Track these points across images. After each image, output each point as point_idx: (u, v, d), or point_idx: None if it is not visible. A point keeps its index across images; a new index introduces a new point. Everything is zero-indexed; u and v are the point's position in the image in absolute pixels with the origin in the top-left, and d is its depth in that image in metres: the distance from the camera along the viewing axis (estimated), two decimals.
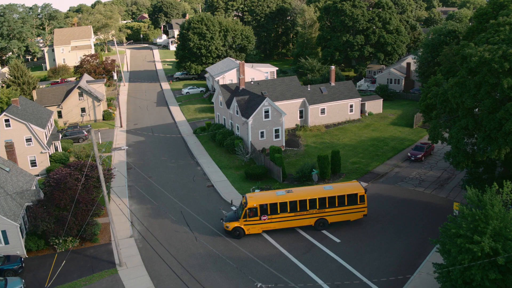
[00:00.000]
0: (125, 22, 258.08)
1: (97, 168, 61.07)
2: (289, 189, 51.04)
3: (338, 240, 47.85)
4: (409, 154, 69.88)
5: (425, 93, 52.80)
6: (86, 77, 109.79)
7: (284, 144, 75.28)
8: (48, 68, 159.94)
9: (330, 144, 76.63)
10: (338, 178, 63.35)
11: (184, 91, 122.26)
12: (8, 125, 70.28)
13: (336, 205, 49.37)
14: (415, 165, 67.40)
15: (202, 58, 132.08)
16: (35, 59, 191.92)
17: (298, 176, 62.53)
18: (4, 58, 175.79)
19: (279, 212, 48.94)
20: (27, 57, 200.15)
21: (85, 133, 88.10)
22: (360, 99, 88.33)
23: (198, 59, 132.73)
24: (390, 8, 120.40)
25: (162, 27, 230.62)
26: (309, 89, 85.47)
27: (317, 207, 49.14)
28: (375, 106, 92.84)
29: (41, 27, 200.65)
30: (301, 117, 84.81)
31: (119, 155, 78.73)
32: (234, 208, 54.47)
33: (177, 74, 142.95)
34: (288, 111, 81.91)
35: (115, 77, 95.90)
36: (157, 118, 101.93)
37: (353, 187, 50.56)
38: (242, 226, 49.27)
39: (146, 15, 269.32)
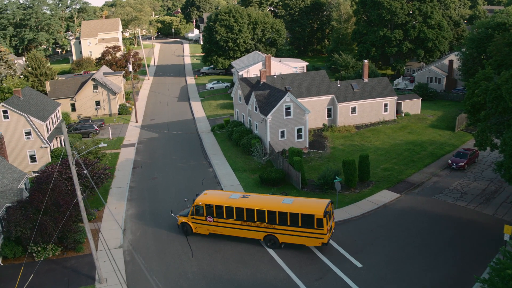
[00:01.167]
0: (157, 16, 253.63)
1: (92, 166, 54.82)
2: (246, 194, 45.99)
3: (359, 265, 39.53)
4: (449, 161, 60.81)
5: (472, 89, 43.79)
6: (104, 68, 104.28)
7: (307, 146, 67.26)
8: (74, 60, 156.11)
9: (360, 147, 68.21)
10: (366, 187, 55.01)
11: (209, 86, 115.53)
12: (6, 117, 64.90)
13: (288, 223, 41.66)
14: (457, 175, 58.32)
15: (230, 52, 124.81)
16: (64, 52, 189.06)
17: (319, 183, 54.48)
18: (33, 50, 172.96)
19: (225, 217, 44.13)
20: (57, 50, 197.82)
21: (96, 127, 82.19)
22: (396, 97, 79.40)
23: (225, 53, 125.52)
24: (432, 1, 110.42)
25: (194, 21, 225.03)
26: (338, 85, 77.12)
27: (266, 221, 42.46)
28: (413, 106, 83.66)
29: (70, 20, 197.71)
30: (329, 116, 76.54)
31: (127, 152, 72.30)
32: None
33: (204, 68, 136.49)
34: (314, 109, 73.85)
35: (131, 69, 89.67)
36: (175, 114, 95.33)
37: (314, 206, 41.50)
38: (190, 223, 45.93)
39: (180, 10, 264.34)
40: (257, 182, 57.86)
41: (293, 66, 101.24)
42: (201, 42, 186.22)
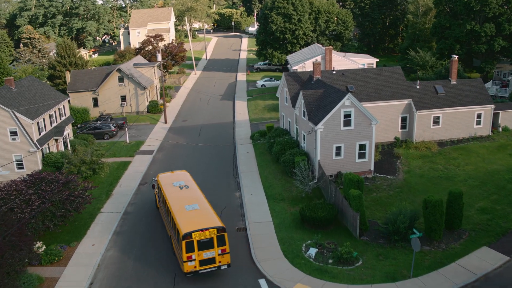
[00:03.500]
0: (217, 10, 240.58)
1: (65, 186, 39.93)
2: (187, 185, 39.43)
3: None
4: None
5: None
6: (138, 59, 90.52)
7: (372, 168, 49.40)
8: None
9: (444, 173, 49.70)
10: (456, 241, 36.74)
11: (259, 83, 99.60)
12: None
13: (174, 232, 34.23)
14: None
15: (287, 45, 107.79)
16: (115, 43, 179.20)
17: (385, 230, 36.96)
18: (84, 40, 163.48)
19: (161, 200, 40.32)
20: (110, 41, 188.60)
21: (113, 127, 67.90)
22: (493, 106, 60.07)
23: (282, 46, 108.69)
24: None
25: (255, 14, 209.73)
26: (418, 86, 58.81)
27: (169, 221, 35.89)
28: None
29: (123, 10, 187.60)
30: (403, 127, 58.31)
31: (141, 162, 57.41)
32: None
33: (259, 64, 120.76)
34: (384, 117, 56.02)
35: (159, 58, 74.96)
36: (214, 115, 79.74)
37: (191, 223, 32.31)
38: (156, 197, 43.66)
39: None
40: (297, 220, 41.03)
41: (360, 62, 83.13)
42: None
